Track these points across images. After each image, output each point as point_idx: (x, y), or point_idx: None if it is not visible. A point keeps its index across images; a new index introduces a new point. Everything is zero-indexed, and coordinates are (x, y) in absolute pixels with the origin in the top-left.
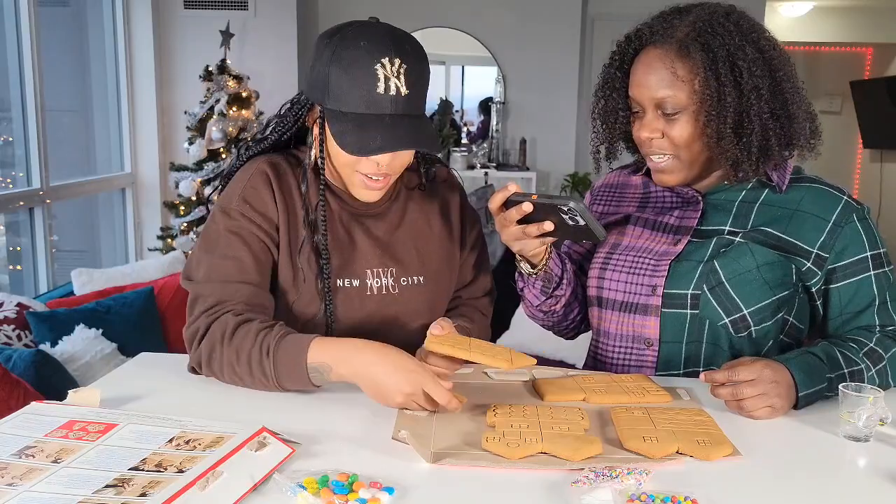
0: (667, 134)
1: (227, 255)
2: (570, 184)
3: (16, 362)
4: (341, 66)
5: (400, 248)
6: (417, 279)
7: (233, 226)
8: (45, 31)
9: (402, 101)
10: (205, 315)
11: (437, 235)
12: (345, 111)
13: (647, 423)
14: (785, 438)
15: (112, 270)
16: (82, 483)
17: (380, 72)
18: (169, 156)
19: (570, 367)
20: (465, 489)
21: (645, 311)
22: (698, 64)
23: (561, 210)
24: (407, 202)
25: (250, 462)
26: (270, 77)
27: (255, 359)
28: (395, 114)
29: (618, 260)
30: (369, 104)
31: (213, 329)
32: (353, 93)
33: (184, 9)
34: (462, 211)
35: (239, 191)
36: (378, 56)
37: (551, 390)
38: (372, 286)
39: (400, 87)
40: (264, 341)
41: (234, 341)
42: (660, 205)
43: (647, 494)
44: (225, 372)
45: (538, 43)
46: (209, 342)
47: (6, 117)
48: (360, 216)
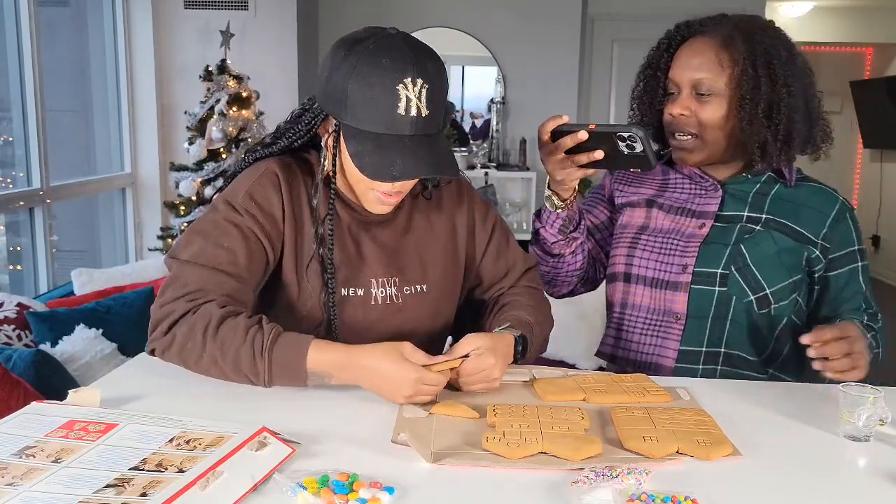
0: (696, 113)
1: (221, 244)
2: None
3: (16, 362)
4: (361, 82)
5: (404, 256)
6: (420, 288)
7: (234, 218)
8: (45, 31)
9: (422, 122)
10: (183, 299)
11: (441, 242)
12: (362, 129)
13: (647, 422)
14: (785, 438)
15: (112, 270)
16: (83, 483)
17: (401, 92)
18: (169, 156)
19: (571, 367)
20: (465, 489)
21: (675, 287)
22: (740, 54)
23: (620, 137)
24: (413, 209)
25: (250, 462)
26: (270, 77)
27: (246, 357)
28: (414, 135)
29: (647, 241)
30: (389, 125)
31: (194, 319)
32: (372, 112)
33: (184, 9)
34: (473, 209)
35: (246, 187)
36: (400, 76)
37: (551, 390)
38: (376, 296)
39: (421, 108)
40: (256, 339)
41: (220, 336)
42: (678, 191)
43: (647, 494)
44: (202, 364)
45: (538, 43)
46: (187, 331)
47: (6, 117)
48: (367, 224)
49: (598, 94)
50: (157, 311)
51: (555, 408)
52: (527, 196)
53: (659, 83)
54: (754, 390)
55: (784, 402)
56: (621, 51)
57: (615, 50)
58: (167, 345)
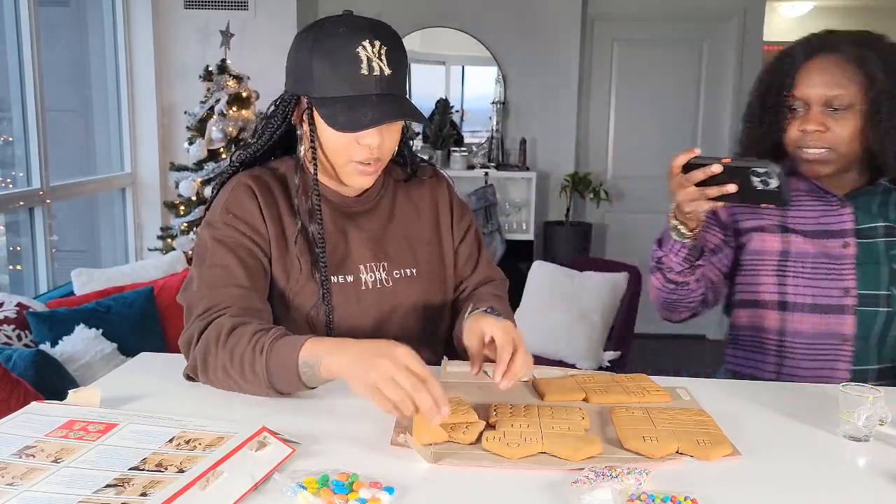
0: (830, 129)
1: (215, 264)
2: (569, 184)
3: (16, 362)
4: (323, 53)
5: (391, 242)
6: (410, 272)
7: (217, 235)
8: (45, 31)
9: (386, 80)
10: (198, 319)
11: (427, 228)
12: (331, 96)
13: (647, 422)
14: (785, 438)
15: (112, 270)
16: (83, 483)
17: (362, 54)
18: (169, 156)
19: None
20: (465, 489)
21: (840, 310)
22: (875, 68)
23: (755, 172)
24: (395, 196)
25: (250, 462)
26: (270, 77)
27: (248, 359)
28: (380, 93)
29: (795, 267)
30: (355, 86)
31: (208, 332)
32: (337, 77)
33: (184, 9)
34: (451, 204)
35: (222, 203)
36: (358, 39)
37: (551, 390)
38: (366, 281)
39: (383, 66)
40: (259, 341)
41: (229, 343)
42: (804, 209)
43: (647, 494)
44: (219, 375)
45: (538, 43)
46: (203, 345)
47: (6, 117)
48: (350, 214)
49: (598, 94)
50: (181, 340)
51: (555, 408)
52: (527, 196)
53: (783, 102)
54: (754, 390)
55: (784, 402)
56: (621, 51)
57: (615, 50)
58: (193, 368)
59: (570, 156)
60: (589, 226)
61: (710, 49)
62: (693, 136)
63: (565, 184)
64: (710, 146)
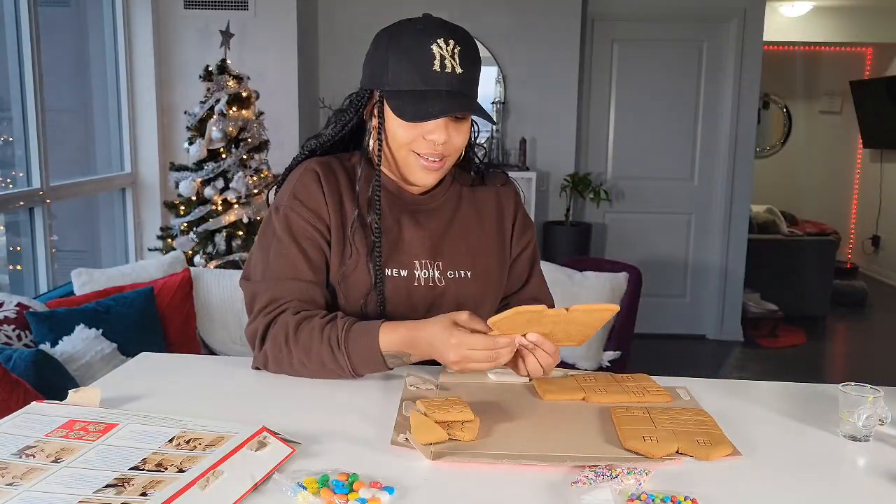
0: None
1: (280, 254)
2: (569, 184)
3: (16, 362)
4: (399, 49)
5: (449, 243)
6: (465, 273)
7: (284, 224)
8: (45, 31)
9: (457, 79)
10: (262, 315)
11: (488, 235)
12: (402, 89)
13: (647, 422)
14: (785, 438)
15: (112, 270)
16: (83, 483)
17: (435, 51)
18: (169, 156)
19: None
20: (466, 489)
21: None
22: None
23: None
24: (460, 200)
25: (250, 462)
26: (271, 77)
27: (328, 355)
28: (450, 90)
29: None
30: (426, 81)
31: (276, 331)
32: (410, 71)
33: (184, 9)
34: (516, 216)
35: (290, 189)
36: (434, 37)
37: (551, 389)
38: (419, 277)
39: (455, 65)
40: (331, 336)
41: (301, 341)
42: None
43: (647, 494)
44: (295, 369)
45: (538, 43)
46: (273, 344)
47: (6, 117)
48: (412, 210)
49: (598, 94)
50: (247, 331)
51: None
52: (527, 196)
53: None
54: (754, 390)
55: (784, 402)
56: (621, 51)
57: (615, 50)
58: (264, 361)
59: (570, 156)
60: (589, 226)
61: (710, 49)
62: (693, 136)
63: (565, 184)
64: (710, 146)
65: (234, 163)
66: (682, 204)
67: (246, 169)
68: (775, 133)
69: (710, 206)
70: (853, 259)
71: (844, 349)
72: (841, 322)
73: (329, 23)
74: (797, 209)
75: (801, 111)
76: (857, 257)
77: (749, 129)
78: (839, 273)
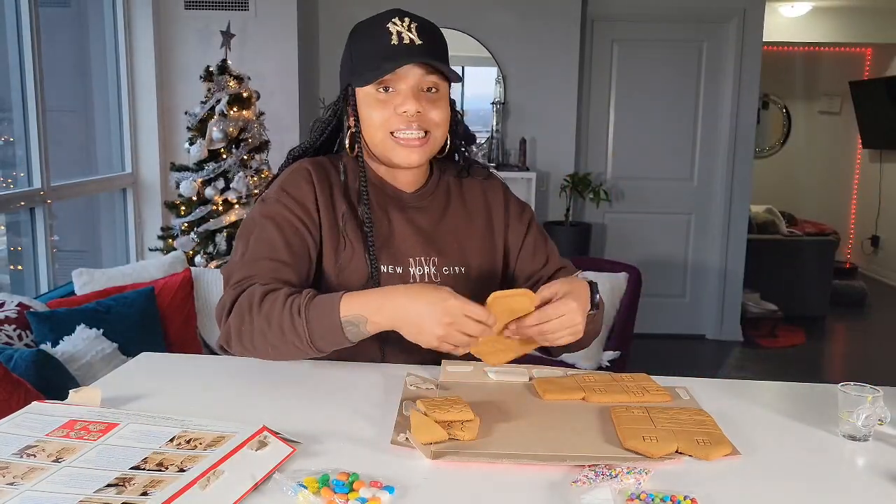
0: None
1: (260, 238)
2: (569, 184)
3: (17, 362)
4: (357, 38)
5: (442, 239)
6: (459, 269)
7: (267, 211)
8: (45, 31)
9: (417, 49)
10: (230, 288)
11: (478, 229)
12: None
13: (647, 422)
14: (784, 438)
15: (113, 270)
16: (83, 482)
17: (392, 28)
18: (169, 156)
19: (570, 367)
20: (466, 488)
21: None
22: None
23: None
24: (449, 195)
25: (251, 461)
26: (271, 77)
27: (287, 322)
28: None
29: None
30: (386, 56)
31: (240, 301)
32: (370, 51)
33: (184, 9)
34: (506, 204)
35: (279, 184)
36: (389, 17)
37: (551, 389)
38: (414, 274)
39: (413, 38)
40: (294, 303)
41: (264, 308)
42: None
43: (647, 494)
44: (256, 342)
45: (538, 43)
46: (238, 314)
47: (6, 117)
48: (403, 207)
49: (598, 94)
50: (216, 310)
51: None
52: (526, 196)
53: None
54: (754, 390)
55: (784, 402)
56: (621, 51)
57: (615, 50)
58: (226, 336)
59: (570, 156)
60: (589, 226)
61: (710, 49)
62: (693, 136)
63: (565, 184)
64: (710, 146)
65: (234, 163)
66: (681, 204)
67: (246, 169)
68: (775, 133)
69: (709, 206)
70: (852, 259)
71: (844, 349)
72: (840, 322)
73: (329, 23)
74: (796, 209)
75: (800, 111)
76: (856, 257)
77: (748, 130)
78: (838, 273)
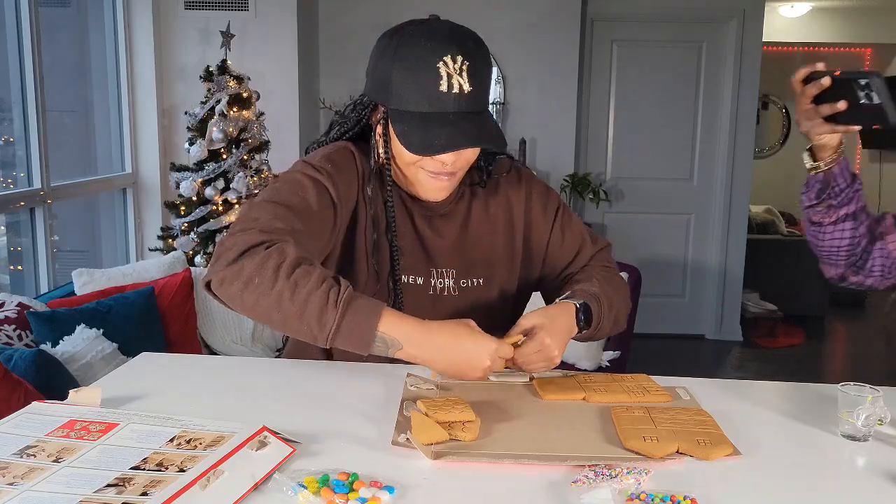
0: None
1: (297, 193)
2: (569, 184)
3: (17, 362)
4: (403, 65)
5: (465, 250)
6: (477, 281)
7: (311, 173)
8: (45, 31)
9: (466, 98)
10: (256, 230)
11: (500, 234)
12: (408, 110)
13: (648, 422)
14: (785, 438)
15: (113, 270)
16: (83, 482)
17: (442, 70)
18: (169, 156)
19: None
20: (466, 488)
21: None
22: None
23: (858, 84)
24: (472, 201)
25: (251, 461)
26: (271, 77)
27: (318, 303)
28: (458, 111)
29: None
30: (432, 102)
31: (268, 253)
32: (416, 92)
33: (184, 9)
34: (528, 202)
35: (324, 153)
36: (440, 54)
37: (551, 389)
38: (435, 286)
39: (463, 84)
40: (331, 291)
41: (293, 276)
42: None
43: (647, 494)
44: (263, 303)
45: (538, 43)
46: (259, 263)
47: (6, 117)
48: (430, 217)
49: (598, 95)
50: (224, 242)
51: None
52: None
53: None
54: (754, 390)
55: (784, 402)
56: (621, 51)
57: (615, 50)
58: (232, 276)
59: (570, 156)
60: (589, 226)
61: (710, 49)
62: (692, 136)
63: (565, 184)
64: (710, 146)
65: (234, 163)
66: (681, 204)
67: (246, 169)
68: (774, 133)
69: (709, 206)
70: None
71: (843, 349)
72: (840, 322)
73: (329, 23)
74: (796, 209)
75: None
76: None
77: (748, 130)
78: None
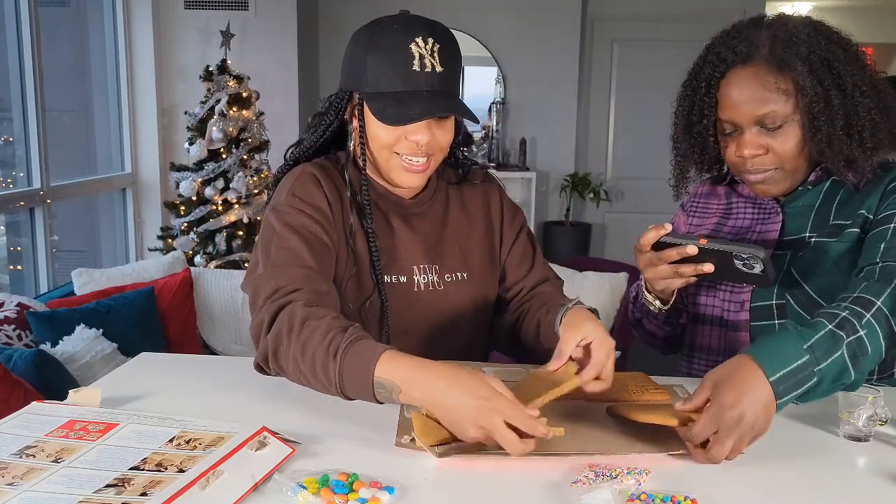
0: (771, 149)
1: (281, 246)
2: (569, 184)
3: (16, 362)
4: (377, 48)
5: (444, 245)
6: (461, 276)
7: (283, 219)
8: (45, 31)
9: (438, 78)
10: (268, 302)
11: (478, 234)
12: (382, 91)
13: (648, 407)
14: (785, 438)
15: (112, 270)
16: (83, 482)
17: (414, 50)
18: (169, 156)
19: None
20: (466, 489)
21: (737, 327)
22: (798, 73)
23: (738, 257)
24: (448, 201)
25: (251, 462)
26: (271, 77)
27: (321, 359)
28: (431, 90)
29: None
30: (406, 81)
31: (280, 319)
32: (389, 73)
33: (184, 9)
34: (502, 207)
35: (287, 189)
36: (412, 36)
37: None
38: (419, 282)
39: (435, 64)
40: (333, 341)
41: (303, 334)
42: (741, 216)
43: (647, 494)
44: (290, 366)
45: (538, 43)
46: (276, 332)
47: (6, 117)
48: (405, 215)
49: (598, 95)
50: (252, 328)
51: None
52: (527, 196)
53: (709, 129)
54: None
55: None
56: (621, 51)
57: (615, 50)
58: (265, 357)
59: (570, 156)
60: (588, 226)
61: None
62: None
63: (565, 184)
64: None
65: (234, 163)
66: None
67: (246, 169)
68: None
69: None
70: None
71: None
72: None
73: (329, 23)
74: None
75: None
76: None
77: None
78: None
